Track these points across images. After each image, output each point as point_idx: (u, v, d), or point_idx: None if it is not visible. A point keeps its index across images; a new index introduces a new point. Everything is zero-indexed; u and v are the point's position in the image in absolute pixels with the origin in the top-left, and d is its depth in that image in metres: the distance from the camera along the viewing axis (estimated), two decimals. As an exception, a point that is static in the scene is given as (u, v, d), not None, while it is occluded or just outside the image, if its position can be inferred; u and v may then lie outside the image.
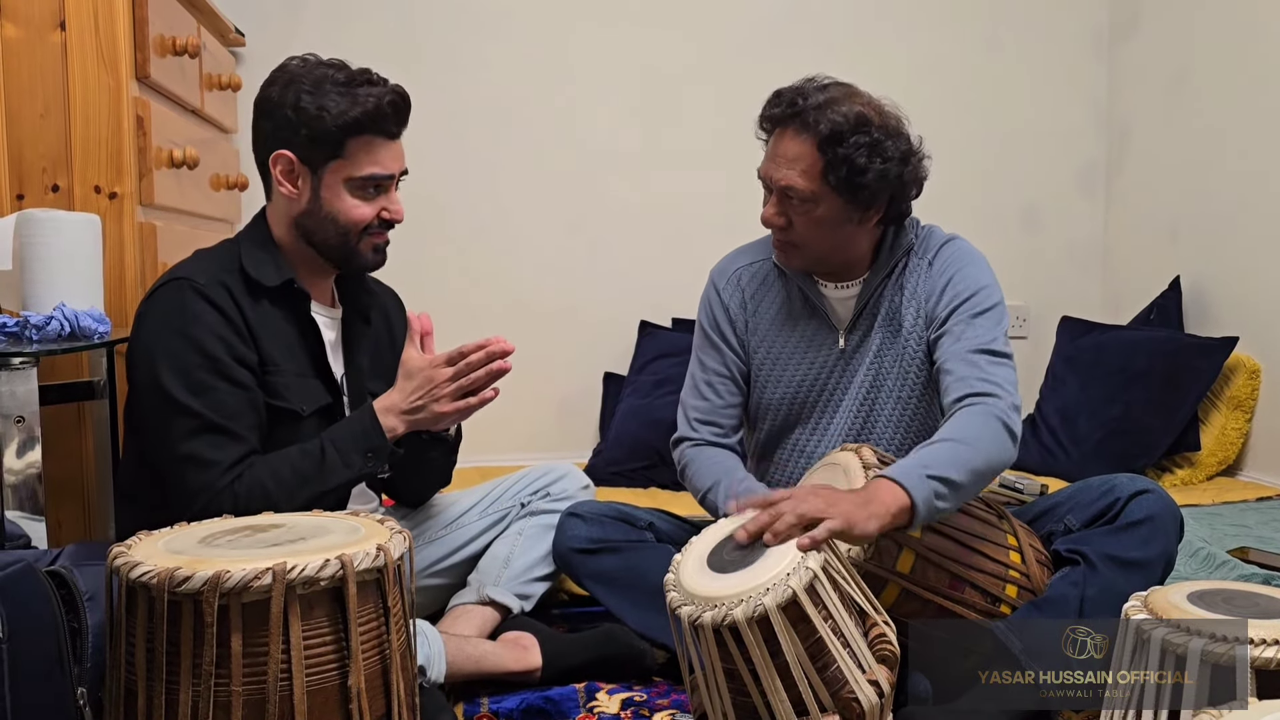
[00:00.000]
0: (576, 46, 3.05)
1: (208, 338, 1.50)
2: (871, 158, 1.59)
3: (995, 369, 1.59)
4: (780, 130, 1.65)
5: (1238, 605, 1.20)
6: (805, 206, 1.63)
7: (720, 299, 1.81)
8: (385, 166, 1.60)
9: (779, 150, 1.64)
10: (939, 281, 1.69)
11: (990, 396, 1.55)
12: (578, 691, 1.63)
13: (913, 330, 1.71)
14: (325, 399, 1.61)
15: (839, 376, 1.74)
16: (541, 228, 3.06)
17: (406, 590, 1.21)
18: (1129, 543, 1.54)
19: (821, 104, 1.60)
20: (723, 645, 1.26)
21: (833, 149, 1.59)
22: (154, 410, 1.51)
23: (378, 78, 1.59)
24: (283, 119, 1.56)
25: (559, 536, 1.76)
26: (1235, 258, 2.80)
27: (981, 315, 1.65)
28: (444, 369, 1.56)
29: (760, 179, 1.69)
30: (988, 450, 1.49)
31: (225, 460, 1.48)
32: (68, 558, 1.31)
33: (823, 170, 1.60)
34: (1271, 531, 2.20)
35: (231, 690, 1.07)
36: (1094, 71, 3.26)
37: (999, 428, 1.52)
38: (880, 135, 1.60)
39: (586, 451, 2.91)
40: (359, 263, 1.64)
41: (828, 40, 3.09)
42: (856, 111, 1.60)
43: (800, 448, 1.78)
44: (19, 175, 1.89)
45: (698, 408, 1.80)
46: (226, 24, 2.63)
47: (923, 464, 1.43)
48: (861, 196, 1.62)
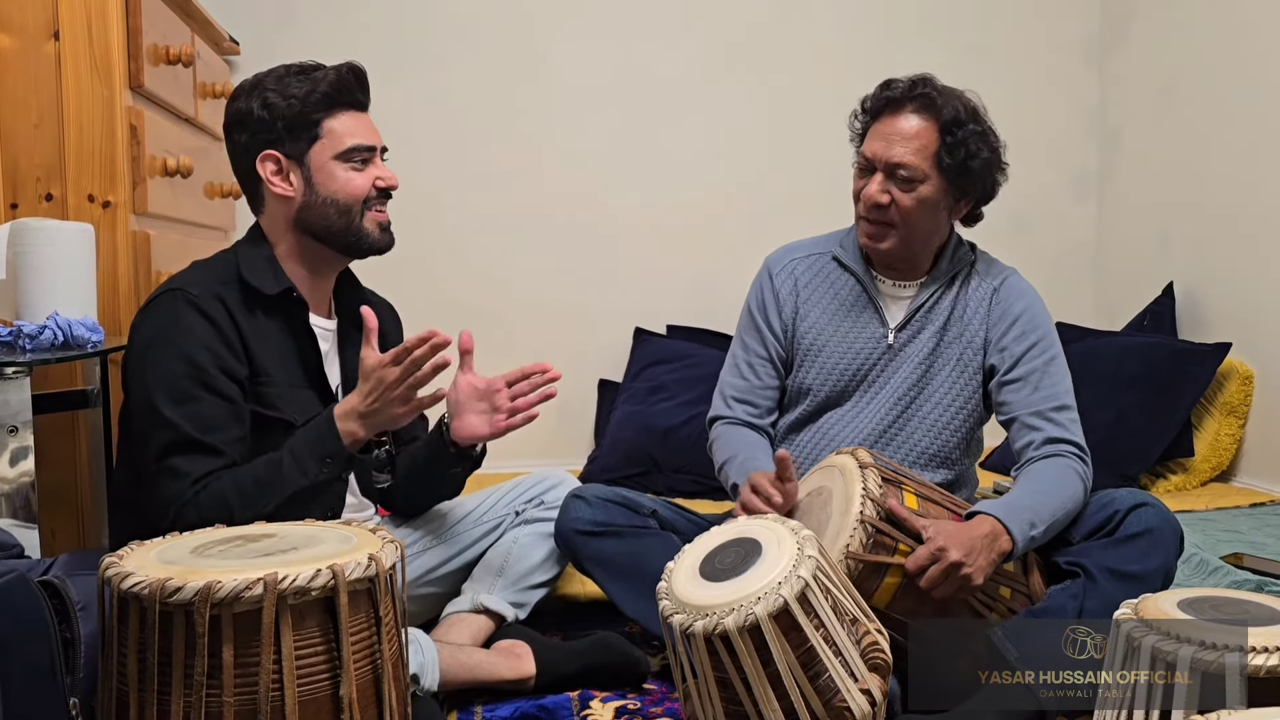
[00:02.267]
0: (572, 54, 3.06)
1: (196, 349, 1.50)
2: (981, 147, 1.71)
3: (1076, 427, 1.71)
4: (895, 111, 1.72)
5: (1227, 612, 1.20)
6: (911, 185, 1.70)
7: (772, 284, 1.87)
8: (365, 137, 1.63)
9: (895, 128, 1.71)
10: (1008, 313, 1.78)
11: (1072, 455, 1.67)
12: (571, 700, 1.63)
13: (972, 341, 1.77)
14: (318, 409, 1.61)
15: (881, 369, 1.79)
16: (536, 235, 3.06)
17: (399, 599, 1.21)
18: (1128, 555, 1.55)
19: (943, 91, 1.73)
20: (715, 654, 1.26)
21: (952, 132, 1.69)
22: (139, 419, 1.53)
23: (329, 65, 1.64)
24: (257, 122, 1.59)
25: (562, 517, 1.76)
26: (1228, 263, 2.81)
27: (1053, 363, 1.74)
28: (392, 368, 1.53)
29: (862, 159, 1.75)
30: (1069, 508, 1.62)
31: (196, 472, 1.47)
32: (60, 567, 1.31)
33: (937, 151, 1.70)
34: (1265, 537, 2.20)
35: (223, 700, 1.07)
36: (1086, 79, 3.28)
37: (1080, 487, 1.64)
38: (989, 129, 1.75)
39: (581, 459, 2.91)
40: (368, 242, 1.64)
41: (817, 48, 3.10)
42: (972, 105, 1.74)
43: (826, 431, 1.80)
44: (13, 184, 1.89)
45: (736, 386, 1.86)
46: (220, 32, 2.64)
47: (1024, 513, 1.56)
48: (963, 183, 1.73)
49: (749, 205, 3.12)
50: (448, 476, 1.75)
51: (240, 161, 1.64)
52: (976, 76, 3.19)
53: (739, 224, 3.08)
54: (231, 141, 1.64)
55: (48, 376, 1.82)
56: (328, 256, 1.66)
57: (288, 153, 1.60)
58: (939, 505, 1.61)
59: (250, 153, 1.61)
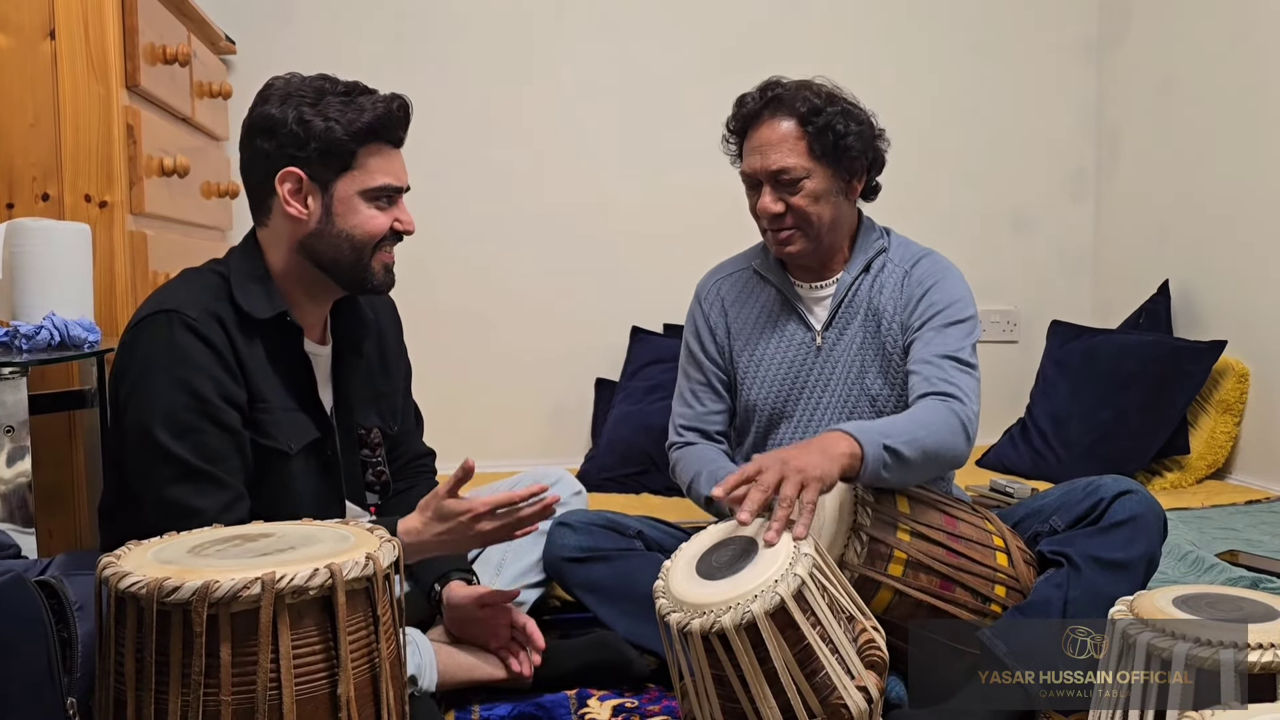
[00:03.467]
0: (569, 52, 3.06)
1: (197, 377, 1.43)
2: (848, 122, 1.71)
3: (960, 375, 1.66)
4: (757, 124, 1.74)
5: (1222, 610, 1.21)
6: (799, 184, 1.71)
7: (701, 311, 1.90)
8: (398, 177, 1.55)
9: (761, 139, 1.73)
10: (916, 291, 1.77)
11: (952, 398, 1.62)
12: (569, 698, 1.63)
13: (889, 330, 1.77)
14: (314, 434, 1.56)
15: (818, 373, 1.80)
16: (534, 234, 3.06)
17: (396, 599, 1.21)
18: (1112, 544, 1.56)
19: (791, 87, 1.74)
20: (711, 652, 1.26)
21: (813, 121, 1.70)
22: (137, 451, 1.45)
23: (372, 88, 1.55)
24: (287, 135, 1.48)
25: (549, 546, 1.77)
26: (1224, 262, 2.82)
27: (953, 326, 1.72)
28: (487, 522, 1.49)
29: (745, 176, 1.77)
30: (942, 439, 1.57)
31: (212, 508, 1.42)
32: (58, 567, 1.31)
33: (809, 144, 1.71)
34: (1260, 534, 2.21)
35: (221, 699, 1.07)
36: (1084, 77, 3.28)
37: (957, 424, 1.60)
38: (849, 105, 1.74)
39: (579, 457, 2.91)
40: (371, 283, 1.57)
41: (817, 46, 3.09)
42: (825, 89, 1.74)
43: (785, 445, 1.79)
44: (9, 184, 1.89)
45: (684, 414, 1.88)
46: (217, 32, 2.64)
47: (881, 431, 1.53)
48: (845, 163, 1.73)
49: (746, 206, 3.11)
50: None
51: (256, 168, 1.53)
52: (975, 75, 3.26)
53: (736, 224, 3.05)
54: (252, 145, 1.52)
55: (44, 377, 1.82)
56: (325, 285, 1.57)
57: (312, 175, 1.49)
58: (929, 506, 1.61)
59: (271, 163, 1.50)
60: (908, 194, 1.81)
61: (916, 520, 1.56)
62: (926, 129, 3.10)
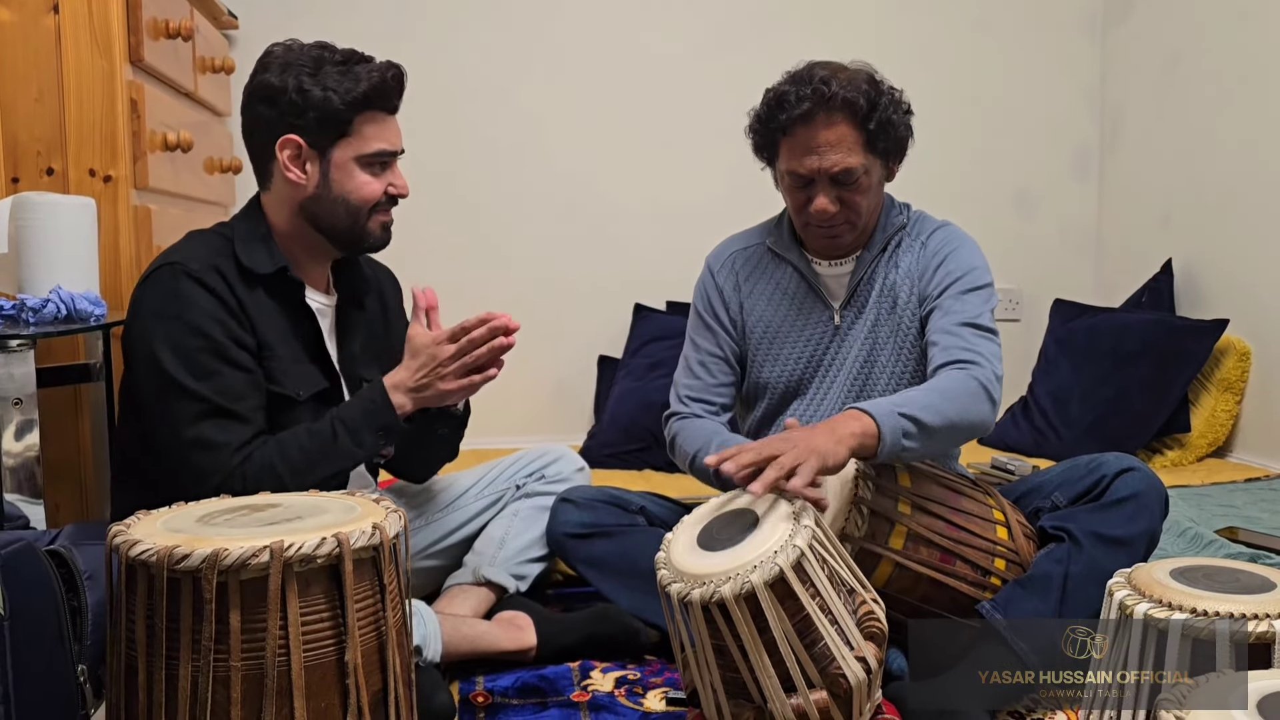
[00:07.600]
0: (574, 29, 3.05)
1: (205, 321, 1.49)
2: (895, 109, 1.69)
3: (980, 341, 1.65)
4: (809, 123, 1.65)
5: (1219, 581, 1.22)
6: (860, 182, 1.68)
7: (715, 282, 1.85)
8: (392, 142, 1.61)
9: (819, 140, 1.65)
10: (933, 261, 1.75)
11: (972, 364, 1.61)
12: (572, 670, 1.65)
13: (906, 306, 1.75)
14: (322, 384, 1.61)
15: (834, 352, 1.78)
16: (536, 211, 3.06)
17: (402, 569, 1.23)
18: (1114, 520, 1.56)
19: (840, 83, 1.65)
20: (711, 622, 1.27)
21: (870, 116, 1.65)
22: (157, 395, 1.50)
23: (368, 56, 1.60)
24: (287, 104, 1.54)
25: (552, 522, 1.78)
26: (1227, 241, 2.82)
27: (971, 293, 1.71)
28: (447, 345, 1.56)
29: (794, 176, 1.69)
30: (963, 404, 1.56)
31: (234, 441, 1.48)
32: (67, 537, 1.33)
33: (866, 140, 1.67)
34: (1259, 511, 2.22)
35: (231, 665, 1.08)
36: (1087, 55, 3.27)
37: (978, 388, 1.59)
38: (888, 87, 1.70)
39: (581, 434, 2.93)
40: (368, 242, 1.64)
41: (819, 25, 3.08)
42: (867, 74, 1.68)
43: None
44: (14, 159, 1.89)
45: (690, 385, 1.82)
46: (219, 6, 2.63)
47: (895, 403, 1.50)
48: (895, 150, 1.71)
49: (749, 182, 3.10)
50: (436, 438, 1.73)
51: (257, 135, 1.60)
52: (978, 52, 3.24)
53: (739, 201, 3.05)
54: (253, 112, 1.59)
55: (50, 351, 1.83)
56: (325, 246, 1.65)
57: (310, 142, 1.56)
58: (930, 480, 1.62)
59: (272, 130, 1.57)
60: (910, 172, 1.80)
61: (917, 494, 1.57)
62: (929, 108, 3.03)
